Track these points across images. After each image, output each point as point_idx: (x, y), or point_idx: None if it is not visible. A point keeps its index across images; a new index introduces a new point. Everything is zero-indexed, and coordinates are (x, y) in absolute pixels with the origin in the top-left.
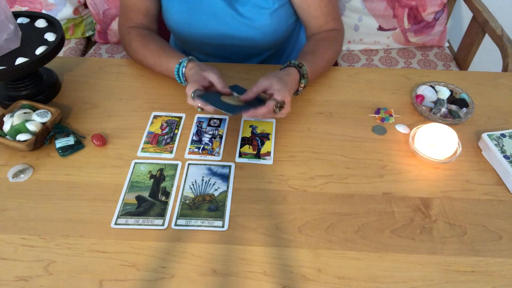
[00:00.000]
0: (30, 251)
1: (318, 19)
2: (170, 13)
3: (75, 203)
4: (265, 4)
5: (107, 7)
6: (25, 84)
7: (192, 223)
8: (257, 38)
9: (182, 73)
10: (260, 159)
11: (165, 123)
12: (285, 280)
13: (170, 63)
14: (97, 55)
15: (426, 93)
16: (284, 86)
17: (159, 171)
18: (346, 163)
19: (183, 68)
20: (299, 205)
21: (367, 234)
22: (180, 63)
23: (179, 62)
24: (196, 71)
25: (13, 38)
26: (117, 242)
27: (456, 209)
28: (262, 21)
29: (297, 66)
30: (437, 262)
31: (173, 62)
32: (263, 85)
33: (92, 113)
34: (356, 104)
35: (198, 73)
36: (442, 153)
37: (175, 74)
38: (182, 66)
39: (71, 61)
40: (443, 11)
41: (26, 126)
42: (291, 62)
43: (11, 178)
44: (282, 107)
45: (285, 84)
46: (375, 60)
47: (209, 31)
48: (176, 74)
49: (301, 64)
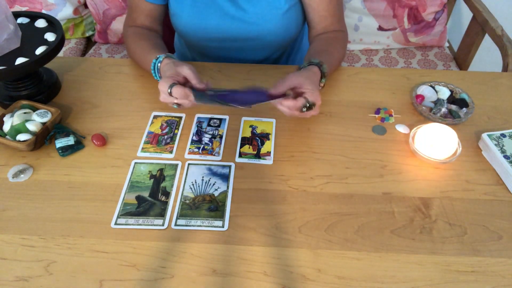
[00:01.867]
0: (30, 251)
1: (326, 19)
2: (180, 17)
3: (75, 203)
4: (277, 3)
5: (107, 7)
6: (25, 84)
7: (192, 223)
8: (268, 38)
9: (158, 68)
10: (260, 159)
11: (165, 123)
12: (285, 280)
13: (150, 59)
14: (97, 55)
15: (426, 93)
16: (315, 87)
17: (159, 171)
18: (346, 163)
19: (159, 63)
20: (299, 205)
21: (367, 234)
22: (157, 58)
23: (156, 57)
24: (170, 67)
25: (13, 38)
26: (117, 242)
27: (456, 209)
28: (274, 21)
29: (318, 65)
30: (437, 262)
31: (152, 58)
32: (293, 82)
33: (92, 113)
34: (356, 104)
35: (172, 68)
36: (442, 153)
37: (151, 68)
38: (158, 61)
39: (71, 61)
40: (443, 11)
41: (26, 126)
42: (311, 61)
43: (11, 178)
44: (311, 108)
45: (316, 86)
46: (375, 60)
47: (220, 33)
48: (152, 69)
49: (321, 63)
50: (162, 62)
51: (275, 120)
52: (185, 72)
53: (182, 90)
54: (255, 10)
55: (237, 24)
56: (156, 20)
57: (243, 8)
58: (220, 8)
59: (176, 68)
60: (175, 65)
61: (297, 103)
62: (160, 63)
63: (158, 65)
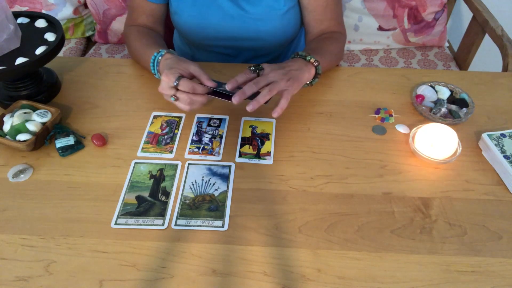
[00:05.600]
0: (30, 251)
1: (322, 23)
2: (180, 15)
3: (75, 203)
4: (277, 5)
5: (107, 7)
6: (25, 84)
7: (192, 223)
8: (266, 38)
9: (157, 62)
10: (260, 159)
11: (165, 123)
12: (285, 280)
13: (151, 53)
14: (97, 55)
15: (426, 93)
16: (275, 66)
17: (159, 171)
18: (346, 163)
19: (160, 56)
20: (299, 205)
21: (367, 234)
22: (158, 52)
23: (158, 51)
24: (175, 61)
25: (13, 38)
26: (117, 242)
27: (456, 209)
28: (273, 22)
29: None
30: (437, 262)
31: (153, 52)
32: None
33: (92, 113)
34: (356, 104)
35: (177, 63)
36: (442, 153)
37: (151, 61)
38: (159, 55)
39: (71, 61)
40: (443, 11)
41: (26, 126)
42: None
43: (11, 178)
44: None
45: (277, 66)
46: (375, 60)
47: (220, 32)
48: (152, 63)
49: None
50: (163, 56)
51: (275, 120)
52: (193, 69)
53: (190, 83)
54: (255, 10)
55: (237, 23)
56: (157, 20)
57: (243, 8)
58: (221, 7)
59: (181, 63)
60: (180, 60)
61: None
62: (161, 57)
63: (158, 59)
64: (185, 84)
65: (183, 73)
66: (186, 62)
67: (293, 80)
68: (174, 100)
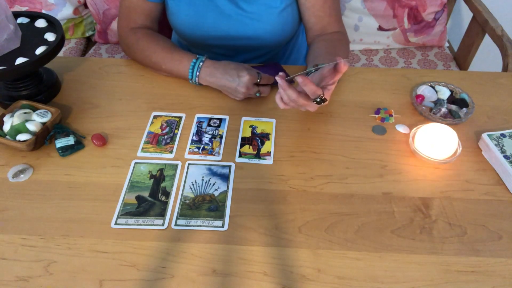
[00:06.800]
0: (30, 251)
1: (322, 19)
2: (177, 15)
3: (75, 203)
4: (273, 3)
5: (107, 7)
6: (25, 84)
7: (192, 223)
8: (264, 37)
9: (198, 67)
10: (260, 159)
11: (165, 123)
12: (285, 280)
13: (183, 58)
14: (97, 55)
15: (426, 93)
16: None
17: (159, 171)
18: (346, 163)
19: (200, 62)
20: (299, 205)
21: (367, 234)
22: (197, 58)
23: (196, 57)
24: (236, 66)
25: (13, 38)
26: (117, 242)
27: (456, 209)
28: (270, 20)
29: None
30: (437, 262)
31: (188, 57)
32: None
33: (92, 113)
34: (356, 104)
35: (242, 65)
36: (442, 153)
37: (190, 68)
38: (200, 61)
39: (71, 61)
40: (443, 11)
41: (26, 126)
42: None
43: (11, 178)
44: (321, 103)
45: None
46: (375, 60)
47: (217, 32)
48: (191, 69)
49: None
50: (204, 62)
51: (275, 120)
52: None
53: (267, 76)
54: (252, 9)
55: (234, 22)
56: (155, 20)
57: (240, 7)
58: (217, 6)
59: (239, 65)
60: (232, 63)
61: (317, 91)
62: (202, 63)
63: (199, 65)
64: (265, 78)
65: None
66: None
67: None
68: (259, 94)
